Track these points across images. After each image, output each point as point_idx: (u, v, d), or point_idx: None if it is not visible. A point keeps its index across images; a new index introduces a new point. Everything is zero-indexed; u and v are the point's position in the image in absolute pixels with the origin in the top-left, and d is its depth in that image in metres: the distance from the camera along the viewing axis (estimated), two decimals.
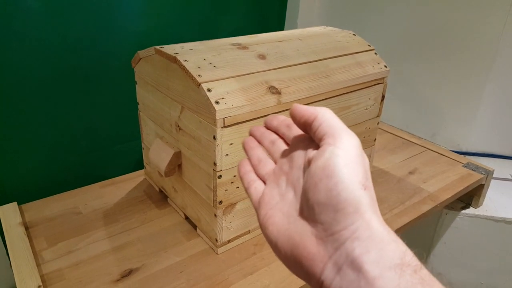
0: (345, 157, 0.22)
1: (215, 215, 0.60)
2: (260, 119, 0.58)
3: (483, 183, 0.88)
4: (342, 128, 0.24)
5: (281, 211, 0.25)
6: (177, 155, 0.65)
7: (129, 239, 0.65)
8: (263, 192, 0.28)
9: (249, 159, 0.31)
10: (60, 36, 0.79)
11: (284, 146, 0.29)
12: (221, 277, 0.58)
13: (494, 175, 0.92)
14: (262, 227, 0.26)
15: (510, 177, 1.02)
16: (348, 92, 0.69)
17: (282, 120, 0.30)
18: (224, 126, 0.54)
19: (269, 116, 0.31)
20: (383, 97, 0.77)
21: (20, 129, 0.81)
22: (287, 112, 0.61)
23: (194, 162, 0.62)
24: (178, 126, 0.63)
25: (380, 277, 0.19)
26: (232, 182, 0.59)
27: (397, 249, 0.20)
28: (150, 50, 0.64)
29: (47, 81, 0.80)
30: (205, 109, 0.54)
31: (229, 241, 0.63)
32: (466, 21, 0.99)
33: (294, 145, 0.28)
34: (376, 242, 0.20)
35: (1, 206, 0.71)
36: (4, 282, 1.02)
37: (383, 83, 0.75)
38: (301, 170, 0.25)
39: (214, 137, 0.54)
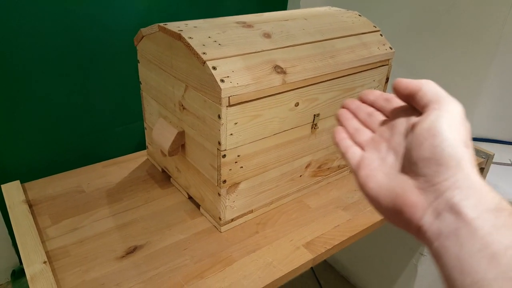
0: (449, 119, 0.24)
1: (219, 194, 0.60)
2: (265, 98, 0.57)
3: (483, 167, 0.89)
4: (446, 95, 0.26)
5: (382, 171, 0.27)
6: (181, 135, 0.65)
7: (133, 217, 0.66)
8: (362, 156, 0.30)
9: (345, 128, 0.33)
10: (60, 14, 0.77)
11: (382, 118, 0.31)
12: (225, 254, 0.59)
13: (493, 160, 0.92)
14: (362, 185, 0.28)
15: (510, 162, 1.03)
16: (353, 73, 0.68)
17: (380, 95, 0.32)
18: (229, 105, 0.54)
19: (363, 91, 0.34)
20: (387, 79, 0.77)
21: (22, 109, 0.80)
22: (292, 92, 0.60)
23: (198, 141, 0.62)
24: (182, 105, 0.63)
25: (478, 218, 0.21)
26: (236, 162, 0.59)
27: (494, 197, 0.22)
28: (154, 28, 0.63)
29: (48, 61, 0.79)
30: (210, 87, 0.54)
31: (232, 220, 0.64)
32: (471, 7, 0.98)
33: (395, 114, 0.30)
34: (475, 191, 0.22)
35: (4, 184, 0.71)
36: (6, 261, 1.03)
37: (387, 65, 0.75)
38: (402, 135, 0.28)
39: (219, 116, 0.54)
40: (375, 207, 0.28)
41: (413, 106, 0.28)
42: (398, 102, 0.30)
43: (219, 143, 0.56)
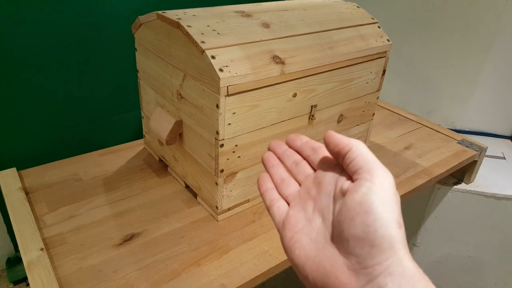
0: (382, 195, 0.23)
1: (216, 184, 0.61)
2: (263, 89, 0.58)
3: (476, 159, 0.90)
4: (378, 164, 0.24)
5: (308, 236, 0.26)
6: (178, 124, 0.65)
7: (130, 206, 0.66)
8: (287, 213, 0.28)
9: (271, 176, 0.31)
10: (56, 2, 0.76)
11: (308, 169, 0.29)
12: (222, 242, 0.59)
13: (486, 153, 0.94)
14: (288, 250, 0.26)
15: (502, 155, 1.04)
16: (351, 65, 0.69)
17: (306, 142, 0.30)
18: (228, 95, 0.54)
19: (291, 135, 0.31)
20: (384, 71, 0.77)
21: (19, 97, 0.80)
22: (291, 82, 0.61)
23: (195, 131, 0.62)
24: (180, 94, 0.63)
25: None
26: (233, 152, 0.59)
27: (426, 286, 0.21)
28: (152, 15, 0.62)
29: (44, 49, 0.78)
30: (209, 77, 0.54)
31: (229, 209, 0.64)
32: (467, 0, 0.98)
33: (322, 170, 0.28)
34: (408, 279, 0.21)
35: (0, 172, 0.70)
36: (1, 249, 1.03)
37: (385, 57, 0.75)
38: (330, 197, 0.26)
39: (217, 106, 0.54)
40: (301, 278, 0.25)
41: (341, 164, 0.26)
42: (325, 153, 0.28)
43: (217, 133, 0.56)
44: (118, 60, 0.88)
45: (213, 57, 0.53)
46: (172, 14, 0.59)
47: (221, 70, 0.52)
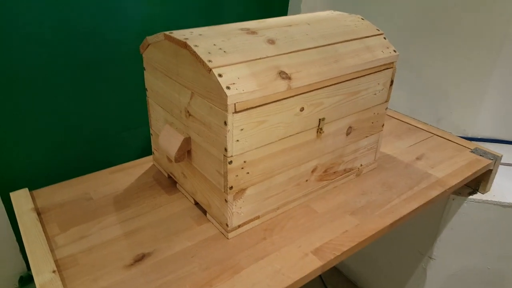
0: None
1: (226, 201, 0.60)
2: (271, 104, 0.58)
3: (491, 168, 0.88)
4: None
5: None
6: (187, 141, 0.65)
7: (140, 224, 0.66)
8: None
9: None
10: (65, 23, 0.78)
11: None
12: (233, 262, 0.58)
13: (501, 161, 0.92)
14: None
15: None
16: (358, 77, 0.68)
17: None
18: (235, 112, 0.54)
19: None
20: (391, 82, 0.76)
21: (29, 117, 0.81)
22: (298, 97, 0.60)
23: (204, 148, 0.62)
24: (188, 112, 0.63)
25: None
26: (242, 168, 0.59)
27: None
28: (159, 36, 0.63)
29: (54, 69, 0.80)
30: (216, 94, 0.54)
31: (239, 226, 0.64)
32: (474, 6, 0.97)
33: None
34: None
35: (13, 192, 0.71)
36: (14, 267, 1.04)
37: (392, 67, 0.74)
38: None
39: (225, 123, 0.54)
40: None
41: None
42: None
43: (226, 150, 0.56)
44: (126, 78, 0.89)
45: (220, 75, 0.53)
46: (179, 34, 0.60)
47: (228, 87, 0.53)
